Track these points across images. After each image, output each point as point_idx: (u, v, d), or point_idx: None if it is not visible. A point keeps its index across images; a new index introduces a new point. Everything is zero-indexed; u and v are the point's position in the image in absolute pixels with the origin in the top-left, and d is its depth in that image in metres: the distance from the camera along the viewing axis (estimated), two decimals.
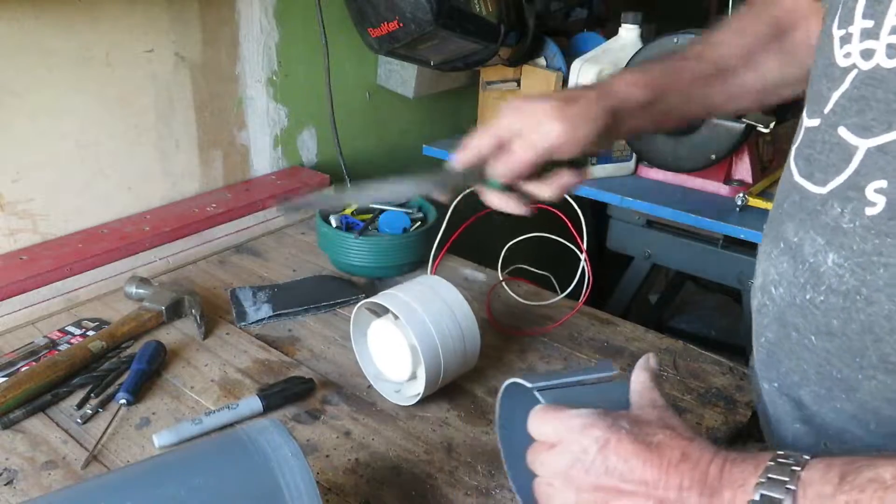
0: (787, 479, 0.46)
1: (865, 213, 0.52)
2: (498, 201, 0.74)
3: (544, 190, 0.74)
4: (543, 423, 0.55)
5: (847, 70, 0.54)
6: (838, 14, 0.56)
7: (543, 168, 0.73)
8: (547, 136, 0.69)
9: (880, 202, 0.51)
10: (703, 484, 0.49)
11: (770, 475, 0.47)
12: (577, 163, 0.74)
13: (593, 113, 0.70)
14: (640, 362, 0.61)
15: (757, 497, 0.46)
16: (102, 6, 1.15)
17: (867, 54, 0.52)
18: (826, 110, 0.55)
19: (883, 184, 0.51)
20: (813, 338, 0.58)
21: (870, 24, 0.51)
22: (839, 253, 0.54)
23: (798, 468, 0.46)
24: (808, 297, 0.57)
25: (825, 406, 0.59)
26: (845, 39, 0.54)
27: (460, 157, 0.73)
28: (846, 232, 0.54)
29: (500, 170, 0.71)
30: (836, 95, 0.54)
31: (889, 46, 0.50)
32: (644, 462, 0.51)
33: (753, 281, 0.67)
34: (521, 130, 0.70)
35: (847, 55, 0.53)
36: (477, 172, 0.73)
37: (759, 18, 0.78)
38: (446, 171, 0.74)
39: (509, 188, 0.74)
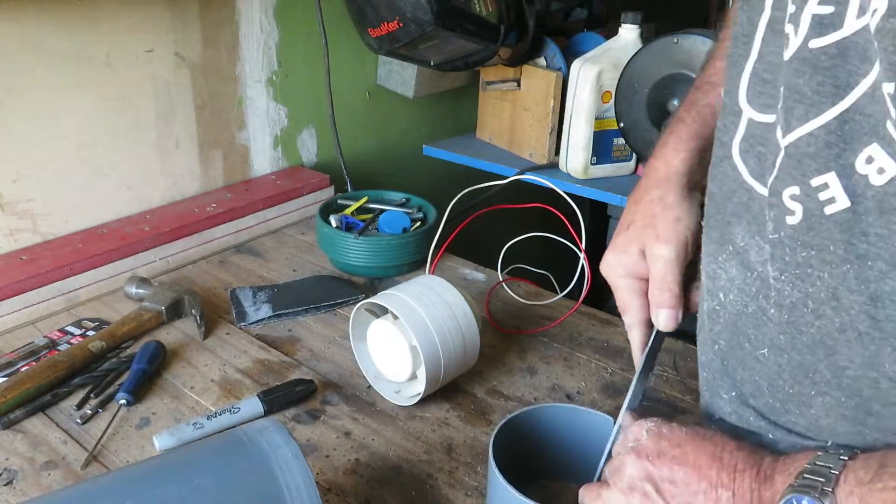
0: (832, 465, 0.47)
1: (787, 221, 0.48)
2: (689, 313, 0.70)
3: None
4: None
5: (775, 64, 0.48)
6: None
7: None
8: (671, 266, 0.65)
9: (798, 212, 0.47)
10: (756, 469, 0.51)
11: (818, 462, 0.48)
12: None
13: (677, 209, 0.66)
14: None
15: (799, 482, 0.47)
16: (102, 6, 1.15)
17: (776, 39, 0.47)
18: (779, 106, 0.48)
19: (796, 190, 0.47)
20: (766, 351, 0.55)
21: (793, 7, 0.46)
22: (774, 265, 0.51)
23: (845, 458, 0.47)
24: (760, 306, 0.54)
25: (781, 418, 0.56)
26: (789, 19, 0.47)
27: (639, 358, 0.69)
28: (775, 243, 0.50)
29: (666, 324, 0.67)
30: (780, 90, 0.48)
31: (786, 37, 0.45)
32: (697, 447, 0.54)
33: (700, 282, 0.63)
34: (639, 277, 0.68)
35: (771, 39, 0.48)
36: (656, 343, 0.69)
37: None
38: (640, 380, 0.68)
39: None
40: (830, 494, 0.45)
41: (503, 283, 1.21)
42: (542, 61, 1.55)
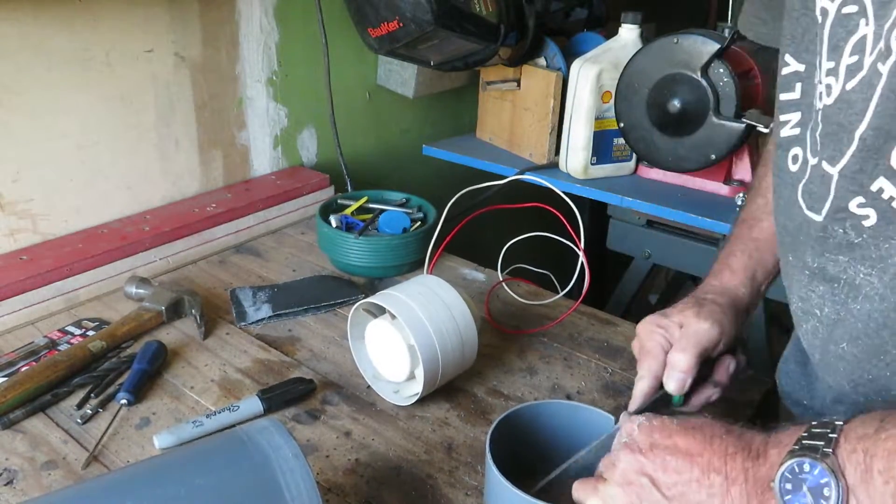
0: (829, 429, 0.50)
1: (864, 225, 0.56)
2: (693, 405, 0.76)
3: (717, 382, 0.76)
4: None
5: (817, 112, 0.60)
6: (790, 53, 0.64)
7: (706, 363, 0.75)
8: (699, 337, 0.72)
9: (872, 215, 0.56)
10: (748, 449, 0.54)
11: (814, 430, 0.50)
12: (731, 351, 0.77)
13: (724, 308, 0.74)
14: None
15: (798, 447, 0.50)
16: (102, 6, 1.15)
17: (820, 95, 0.59)
18: (819, 149, 0.61)
19: (861, 199, 0.56)
20: (844, 345, 0.60)
21: (829, 64, 0.59)
22: (864, 263, 0.58)
23: (841, 422, 0.50)
24: (849, 307, 0.60)
25: (872, 401, 0.61)
26: (815, 87, 0.61)
27: (636, 405, 0.74)
28: (859, 245, 0.58)
29: (672, 386, 0.72)
30: (818, 135, 0.60)
31: (826, 87, 0.58)
32: (687, 436, 0.57)
33: (791, 306, 0.69)
34: (670, 341, 0.73)
35: (819, 97, 0.60)
36: (653, 404, 0.73)
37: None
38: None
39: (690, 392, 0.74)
40: (831, 455, 0.48)
41: (503, 283, 1.21)
42: (542, 61, 1.55)
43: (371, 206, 1.32)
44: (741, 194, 1.33)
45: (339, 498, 0.77)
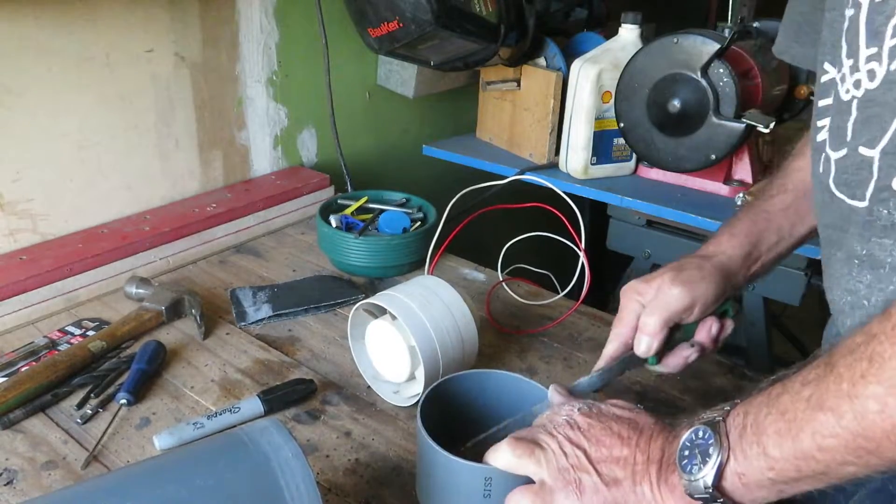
0: (727, 406, 0.56)
1: None
2: (671, 366, 0.80)
3: (696, 343, 0.80)
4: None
5: (850, 102, 0.62)
6: (827, 60, 0.65)
7: (684, 331, 0.78)
8: (668, 302, 0.75)
9: None
10: (669, 432, 0.61)
11: (716, 406, 0.57)
12: (721, 314, 0.80)
13: (705, 273, 0.77)
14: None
15: (699, 422, 0.56)
16: (102, 6, 1.15)
17: (857, 84, 0.61)
18: (848, 139, 0.62)
19: None
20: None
21: (851, 61, 0.61)
22: None
23: (739, 400, 0.55)
24: (891, 289, 0.61)
25: None
26: (842, 80, 0.63)
27: (601, 365, 0.79)
28: None
29: (641, 349, 0.76)
30: (850, 124, 0.62)
31: (868, 73, 0.60)
32: (621, 423, 0.63)
33: (836, 302, 0.69)
34: (645, 306, 0.77)
35: (847, 91, 0.63)
36: (625, 362, 0.78)
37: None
38: (601, 373, 0.78)
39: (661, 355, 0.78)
40: (720, 421, 0.55)
41: (503, 283, 1.21)
42: (542, 61, 1.55)
43: (371, 206, 1.32)
44: (741, 194, 1.33)
45: (339, 498, 0.77)
